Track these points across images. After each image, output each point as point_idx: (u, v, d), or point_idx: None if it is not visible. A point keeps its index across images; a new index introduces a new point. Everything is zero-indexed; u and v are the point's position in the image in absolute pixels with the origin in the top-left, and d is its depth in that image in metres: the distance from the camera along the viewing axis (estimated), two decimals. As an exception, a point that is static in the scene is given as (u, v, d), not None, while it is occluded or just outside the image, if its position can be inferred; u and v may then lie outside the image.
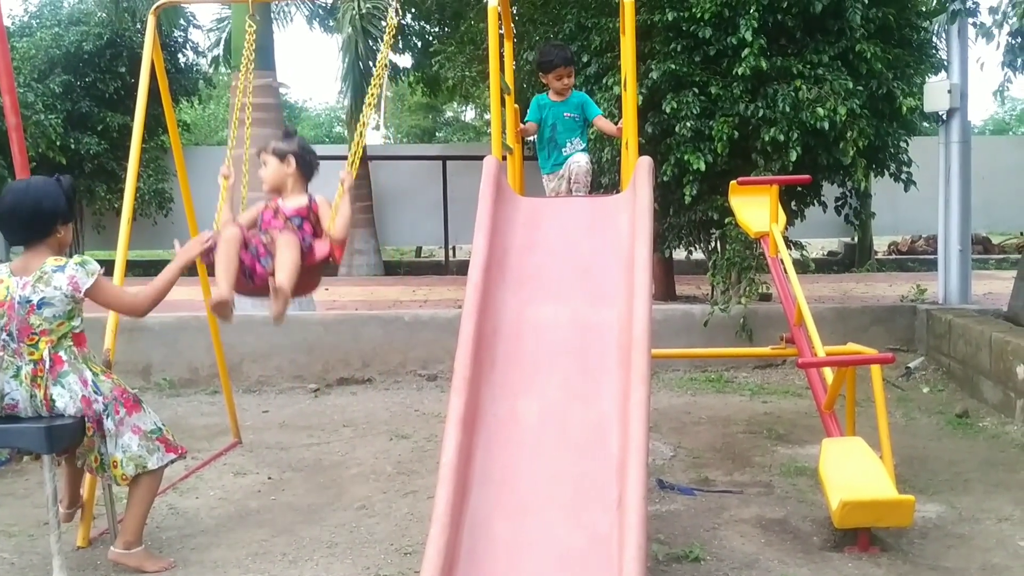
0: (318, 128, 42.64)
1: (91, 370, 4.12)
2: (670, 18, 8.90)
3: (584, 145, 6.04)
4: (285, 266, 4.34)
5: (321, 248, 4.58)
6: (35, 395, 4.00)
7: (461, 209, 17.80)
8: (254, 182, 10.61)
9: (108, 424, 4.10)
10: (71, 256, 4.18)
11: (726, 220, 8.85)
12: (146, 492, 4.24)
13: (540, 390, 3.80)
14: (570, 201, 4.82)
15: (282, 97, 14.54)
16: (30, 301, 3.98)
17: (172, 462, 4.36)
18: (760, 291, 9.12)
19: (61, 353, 4.04)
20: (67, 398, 4.00)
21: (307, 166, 4.77)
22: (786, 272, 5.84)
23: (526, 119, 6.14)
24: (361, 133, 4.82)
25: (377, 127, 32.69)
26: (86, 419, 4.03)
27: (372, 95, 4.92)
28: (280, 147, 4.71)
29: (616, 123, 5.99)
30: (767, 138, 8.77)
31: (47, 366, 4.00)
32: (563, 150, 5.93)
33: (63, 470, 4.45)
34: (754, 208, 6.33)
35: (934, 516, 4.83)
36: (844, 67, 8.95)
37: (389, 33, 5.08)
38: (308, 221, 4.60)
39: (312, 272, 4.64)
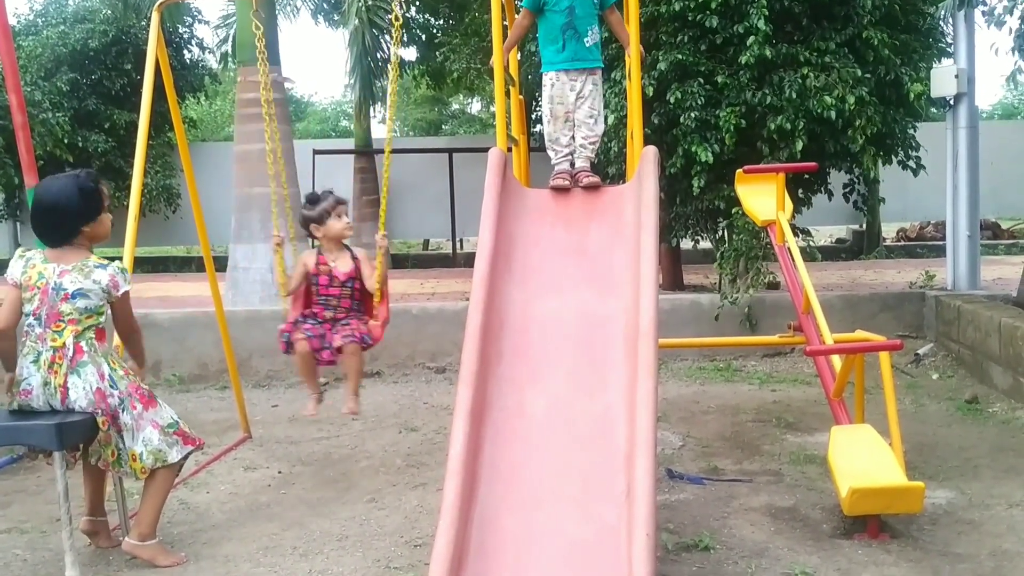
0: (324, 123, 42.61)
1: (109, 364, 4.15)
2: (676, 8, 8.88)
3: (600, 40, 5.05)
4: (352, 379, 5.04)
5: (376, 335, 5.03)
6: (50, 382, 4.04)
7: (468, 201, 17.78)
8: (261, 179, 10.65)
9: (125, 418, 4.12)
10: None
11: (733, 209, 8.83)
12: (162, 484, 4.28)
13: (547, 382, 3.80)
14: (575, 192, 4.81)
15: (288, 92, 14.58)
16: (65, 289, 4.05)
17: (190, 453, 4.39)
18: (767, 280, 9.10)
19: (82, 344, 4.08)
20: (81, 389, 4.03)
21: None
22: (793, 260, 5.83)
23: (520, 6, 5.11)
24: (384, 197, 5.26)
25: (383, 120, 32.65)
26: (100, 413, 4.06)
27: (390, 120, 5.48)
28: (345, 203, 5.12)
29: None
30: (773, 126, 8.75)
31: (68, 354, 4.04)
32: (585, 40, 4.91)
33: (85, 479, 4.47)
34: (761, 196, 6.32)
35: (944, 502, 4.82)
36: (851, 54, 8.92)
37: (397, 31, 5.12)
38: (357, 281, 4.98)
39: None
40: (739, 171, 6.54)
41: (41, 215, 4.19)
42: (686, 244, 11.77)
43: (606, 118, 5.24)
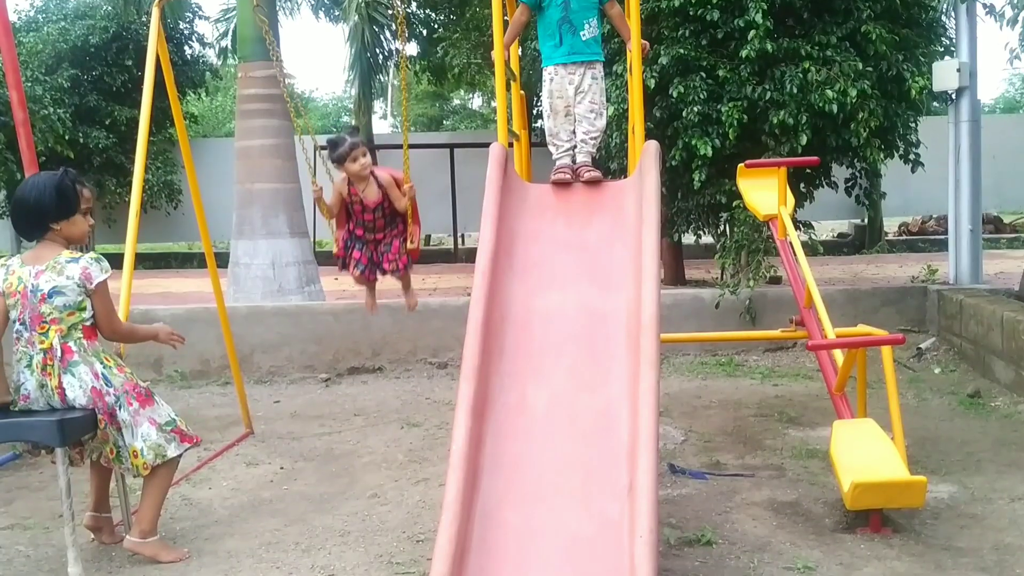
0: (325, 118, 42.62)
1: (102, 362, 4.14)
2: (677, 3, 8.86)
3: (599, 33, 5.02)
4: (406, 290, 5.85)
5: (415, 255, 5.62)
6: (45, 384, 4.04)
7: (469, 197, 17.79)
8: (262, 175, 10.63)
9: (123, 415, 4.12)
10: (84, 251, 4.23)
11: (734, 203, 8.82)
12: (161, 481, 4.27)
13: (549, 377, 3.80)
14: (576, 187, 4.81)
15: (288, 87, 14.55)
16: (41, 290, 4.04)
17: (187, 450, 4.39)
18: (769, 274, 9.10)
19: (71, 344, 4.07)
20: (78, 388, 4.04)
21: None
22: (795, 255, 5.82)
23: (518, 1, 5.11)
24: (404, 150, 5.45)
25: (384, 116, 32.69)
26: (98, 411, 4.06)
27: (404, 110, 5.67)
28: (363, 143, 5.51)
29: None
30: (776, 121, 8.73)
31: (57, 355, 4.03)
32: (581, 34, 4.90)
33: (92, 475, 4.47)
34: (762, 191, 6.31)
35: (946, 496, 4.82)
36: (852, 48, 8.90)
37: (400, 26, 5.14)
38: (386, 204, 5.45)
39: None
40: (741, 165, 6.53)
41: (16, 209, 4.23)
42: (688, 239, 11.76)
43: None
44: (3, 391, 4.12)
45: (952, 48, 9.68)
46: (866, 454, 4.42)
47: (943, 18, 10.11)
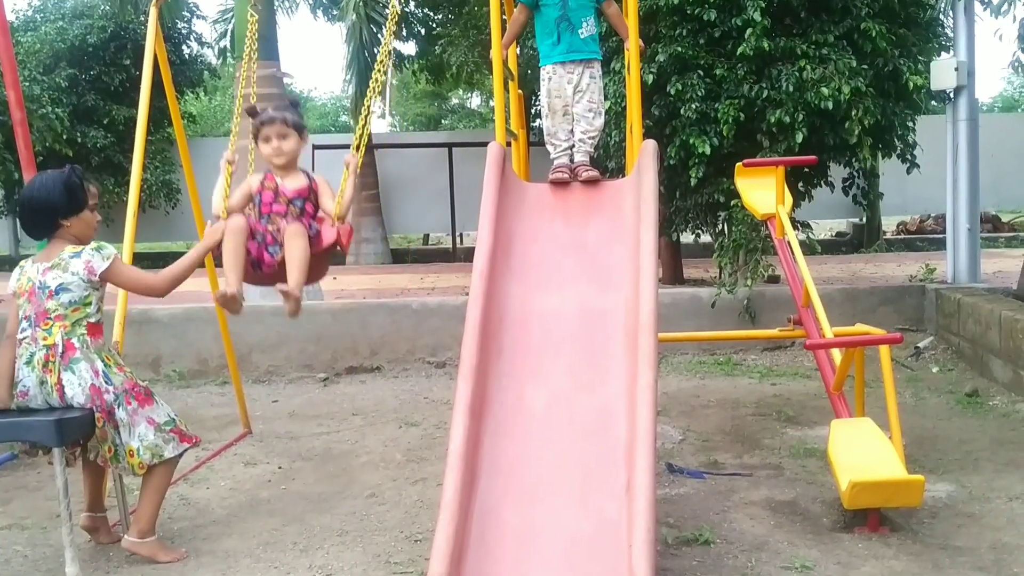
0: (324, 117, 42.59)
1: (103, 361, 4.14)
2: (675, 1, 8.86)
3: (597, 32, 5.03)
4: (295, 265, 4.19)
5: (328, 235, 4.35)
6: (45, 381, 4.04)
7: (467, 196, 17.81)
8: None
9: (121, 414, 4.12)
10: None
11: (732, 202, 8.82)
12: (160, 481, 4.27)
13: (547, 377, 3.80)
14: (575, 186, 4.81)
15: (286, 87, 14.55)
16: (48, 287, 4.07)
17: (186, 450, 4.39)
18: (767, 273, 9.10)
19: (74, 340, 4.08)
20: (77, 385, 4.03)
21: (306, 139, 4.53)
22: (793, 254, 5.82)
23: (517, 0, 5.12)
24: (366, 117, 4.57)
25: (383, 115, 32.65)
26: (96, 409, 4.05)
27: (376, 80, 4.83)
28: (298, 120, 4.40)
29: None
30: (772, 119, 8.73)
31: (59, 351, 4.04)
32: (580, 32, 4.90)
33: (84, 475, 4.47)
34: (760, 190, 6.31)
35: (944, 496, 4.82)
36: (849, 46, 8.90)
37: (391, 21, 5.05)
38: (309, 202, 4.38)
39: (320, 259, 4.43)
40: (739, 164, 6.53)
41: (24, 208, 4.23)
42: (686, 238, 11.75)
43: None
44: (5, 397, 4.10)
45: (950, 47, 9.68)
46: (864, 453, 4.43)
47: (941, 17, 10.10)
